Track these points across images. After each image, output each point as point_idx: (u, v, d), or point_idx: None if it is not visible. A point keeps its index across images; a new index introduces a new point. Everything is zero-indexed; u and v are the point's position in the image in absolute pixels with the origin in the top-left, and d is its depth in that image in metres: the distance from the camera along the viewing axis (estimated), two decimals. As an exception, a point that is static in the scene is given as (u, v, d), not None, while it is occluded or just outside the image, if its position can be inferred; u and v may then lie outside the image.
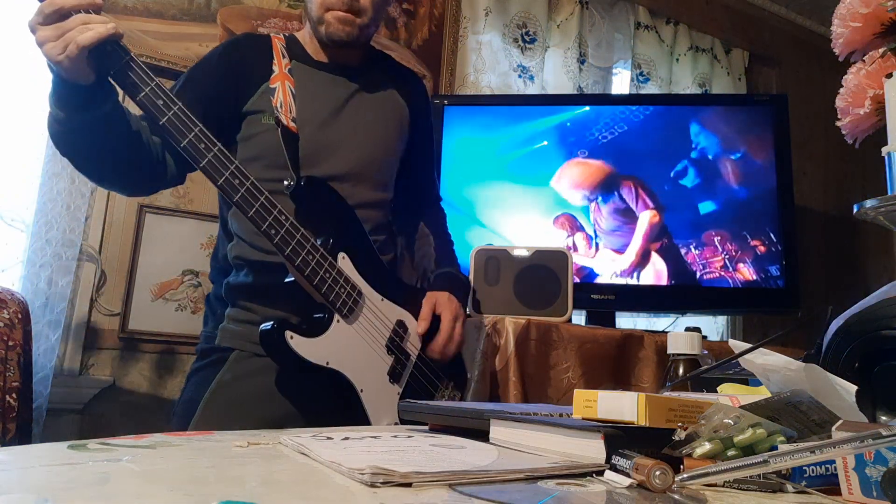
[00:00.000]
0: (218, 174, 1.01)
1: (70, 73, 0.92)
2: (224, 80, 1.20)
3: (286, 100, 1.18)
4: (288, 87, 1.20)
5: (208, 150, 1.00)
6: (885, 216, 0.60)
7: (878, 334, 0.52)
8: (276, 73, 1.21)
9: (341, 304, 1.11)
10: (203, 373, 1.17)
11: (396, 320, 1.21)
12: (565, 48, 2.55)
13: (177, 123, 0.98)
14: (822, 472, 0.44)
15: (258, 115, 1.19)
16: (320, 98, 1.24)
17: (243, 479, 0.42)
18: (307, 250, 1.07)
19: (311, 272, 1.07)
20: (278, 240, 1.04)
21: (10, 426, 1.31)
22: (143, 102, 0.97)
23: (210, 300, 1.27)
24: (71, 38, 0.89)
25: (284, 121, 1.17)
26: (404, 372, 1.20)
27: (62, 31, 0.90)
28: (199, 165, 1.00)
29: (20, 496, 0.35)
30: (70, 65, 0.91)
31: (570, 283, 1.65)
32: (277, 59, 1.22)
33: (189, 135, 0.99)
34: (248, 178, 1.03)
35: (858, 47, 0.71)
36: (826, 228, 3.11)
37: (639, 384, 1.63)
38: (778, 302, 2.05)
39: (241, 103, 1.19)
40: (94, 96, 0.98)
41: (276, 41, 1.26)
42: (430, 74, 2.31)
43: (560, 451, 0.50)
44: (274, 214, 1.04)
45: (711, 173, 2.10)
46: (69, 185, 1.71)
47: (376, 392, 1.15)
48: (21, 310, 1.39)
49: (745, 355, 0.58)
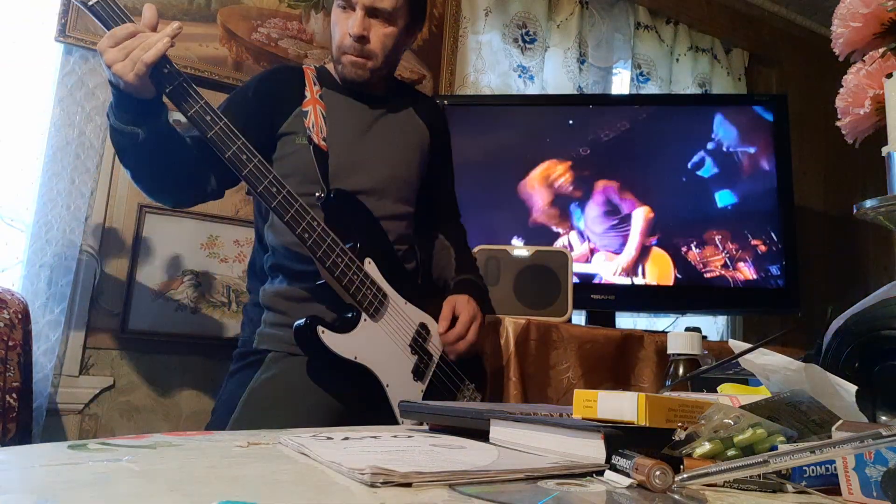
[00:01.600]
0: (258, 182, 1.12)
1: (136, 89, 1.05)
2: (262, 105, 1.31)
3: (318, 121, 1.30)
4: (319, 110, 1.32)
5: (249, 160, 1.12)
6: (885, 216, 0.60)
7: (878, 334, 0.52)
8: (308, 99, 1.32)
9: (368, 304, 1.22)
10: (241, 374, 1.27)
11: (419, 322, 1.30)
12: (565, 48, 2.55)
13: (222, 137, 1.10)
14: (822, 472, 0.44)
15: (292, 136, 1.30)
16: (349, 121, 1.36)
17: (243, 479, 0.42)
18: (337, 253, 1.18)
19: (340, 273, 1.18)
20: (311, 242, 1.15)
21: (10, 426, 1.31)
22: (194, 117, 1.09)
23: (247, 308, 1.38)
24: (136, 56, 1.02)
25: (316, 140, 1.28)
26: (427, 371, 1.29)
27: (127, 50, 1.02)
28: (242, 174, 1.12)
29: (20, 496, 0.35)
30: (137, 82, 1.03)
31: (570, 283, 1.65)
32: (309, 86, 1.34)
33: (233, 146, 1.11)
34: (285, 186, 1.14)
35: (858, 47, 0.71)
36: (826, 228, 3.11)
37: (639, 384, 1.63)
38: (778, 302, 2.05)
39: (277, 126, 1.31)
40: (153, 111, 1.10)
41: (308, 71, 1.38)
42: (430, 74, 2.31)
43: (560, 451, 0.50)
44: (307, 220, 1.15)
45: (711, 174, 2.10)
46: (69, 185, 1.71)
47: (401, 388, 1.24)
48: (21, 310, 1.39)
49: (745, 355, 0.58)
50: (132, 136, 1.09)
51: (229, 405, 1.21)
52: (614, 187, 2.08)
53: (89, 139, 1.75)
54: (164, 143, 1.14)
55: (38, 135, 1.73)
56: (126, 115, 1.08)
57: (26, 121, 1.73)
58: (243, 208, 1.92)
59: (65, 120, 1.72)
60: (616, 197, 2.08)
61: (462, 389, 1.34)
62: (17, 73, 1.74)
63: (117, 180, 1.80)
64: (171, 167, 1.18)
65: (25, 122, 1.73)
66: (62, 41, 1.72)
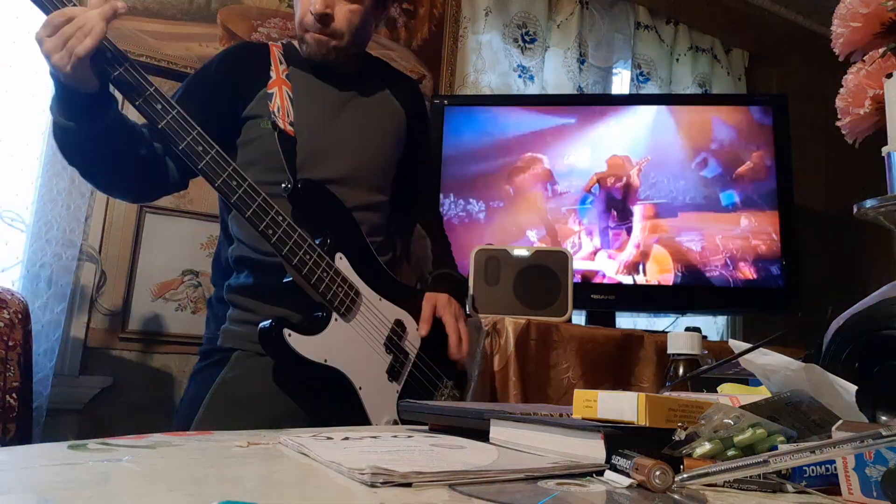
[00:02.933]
0: (216, 176, 1.03)
1: (77, 81, 0.96)
2: (222, 86, 1.22)
3: (283, 104, 1.21)
4: (286, 91, 1.22)
5: (206, 152, 1.02)
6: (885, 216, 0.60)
7: (878, 334, 0.52)
8: (273, 79, 1.23)
9: (339, 303, 1.13)
10: (205, 372, 1.19)
11: (395, 320, 1.22)
12: (565, 48, 2.55)
13: (175, 127, 1.01)
14: (822, 472, 0.44)
15: (256, 120, 1.21)
16: (317, 103, 1.26)
17: (243, 479, 0.42)
18: (304, 250, 1.09)
19: (308, 271, 1.09)
20: (275, 239, 1.06)
21: (10, 426, 1.31)
22: (142, 107, 0.99)
23: (212, 303, 1.29)
24: (72, 45, 0.92)
25: (282, 125, 1.19)
26: (403, 370, 1.21)
27: (65, 38, 0.92)
28: (198, 167, 1.02)
29: (20, 496, 0.35)
30: (78, 73, 0.94)
31: (570, 283, 1.65)
32: (275, 65, 1.24)
33: (187, 137, 1.01)
34: (246, 179, 1.05)
35: (858, 47, 0.71)
36: (826, 228, 3.11)
37: (639, 384, 1.63)
38: (778, 302, 2.05)
39: (240, 109, 1.21)
40: (97, 104, 1.00)
41: (274, 48, 1.28)
42: (430, 74, 2.31)
43: (560, 451, 0.50)
44: (271, 215, 1.06)
45: (711, 174, 2.10)
46: (69, 185, 1.71)
47: (375, 390, 1.16)
48: (21, 310, 1.39)
49: (745, 355, 0.58)
50: (75, 133, 1.01)
51: (193, 405, 1.14)
52: (615, 187, 2.08)
53: (89, 139, 1.75)
54: (114, 136, 1.05)
55: (38, 135, 1.73)
56: (68, 109, 1.00)
57: (26, 121, 1.73)
58: (243, 208, 1.92)
59: (65, 120, 1.72)
60: (617, 196, 2.08)
61: (440, 388, 1.28)
62: (17, 73, 1.74)
63: (117, 180, 1.80)
64: (123, 161, 1.09)
65: (25, 122, 1.73)
66: (62, 41, 1.72)
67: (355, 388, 1.13)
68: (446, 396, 1.29)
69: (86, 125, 1.01)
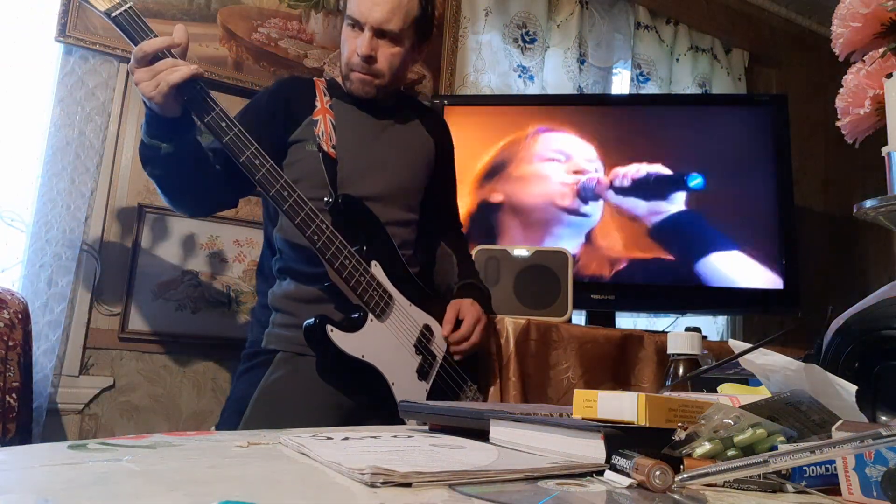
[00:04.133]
0: (270, 186, 1.16)
1: (161, 107, 1.10)
2: (275, 114, 1.36)
3: (327, 129, 1.35)
4: (329, 119, 1.37)
5: (262, 165, 1.16)
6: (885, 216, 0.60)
7: (878, 334, 0.52)
8: (318, 108, 1.38)
9: (374, 305, 1.25)
10: (251, 374, 1.30)
11: (423, 324, 1.33)
12: (565, 48, 2.55)
13: (237, 142, 1.15)
14: (822, 472, 0.44)
15: (303, 144, 1.35)
16: (357, 130, 1.41)
17: (243, 479, 0.42)
18: (345, 255, 1.22)
19: (348, 275, 1.22)
20: (320, 245, 1.19)
21: (10, 426, 1.31)
22: (210, 124, 1.13)
23: (255, 311, 1.42)
24: (162, 77, 1.07)
25: (325, 147, 1.33)
26: (431, 371, 1.32)
27: (155, 72, 1.08)
28: (256, 178, 1.16)
29: (20, 496, 0.35)
30: (162, 100, 1.08)
31: (570, 283, 1.65)
32: (320, 96, 1.39)
33: (247, 151, 1.15)
34: (296, 191, 1.18)
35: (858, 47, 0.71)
36: (826, 228, 3.11)
37: (639, 384, 1.63)
38: (778, 302, 2.05)
39: (288, 134, 1.35)
40: (179, 128, 1.15)
41: (319, 83, 1.43)
42: (430, 74, 2.31)
43: (560, 451, 0.50)
44: (317, 223, 1.19)
45: (711, 174, 2.10)
46: (69, 185, 1.71)
47: (406, 386, 1.27)
48: (21, 310, 1.39)
49: (745, 355, 0.58)
50: (155, 150, 1.15)
51: (240, 405, 1.25)
52: (615, 186, 2.08)
53: (89, 139, 1.75)
54: (186, 157, 1.19)
55: (38, 135, 1.73)
56: (152, 130, 1.14)
57: (26, 121, 1.73)
58: (243, 208, 1.92)
59: (65, 120, 1.72)
60: (617, 195, 2.08)
61: (465, 390, 1.37)
62: (17, 73, 1.74)
63: (117, 180, 1.80)
64: (193, 179, 1.23)
65: (25, 122, 1.73)
66: (62, 41, 1.72)
67: (388, 383, 1.24)
68: (470, 398, 1.38)
69: (168, 143, 1.15)
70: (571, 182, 2.08)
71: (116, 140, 1.80)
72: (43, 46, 1.75)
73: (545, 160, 2.10)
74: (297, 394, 1.24)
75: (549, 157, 2.10)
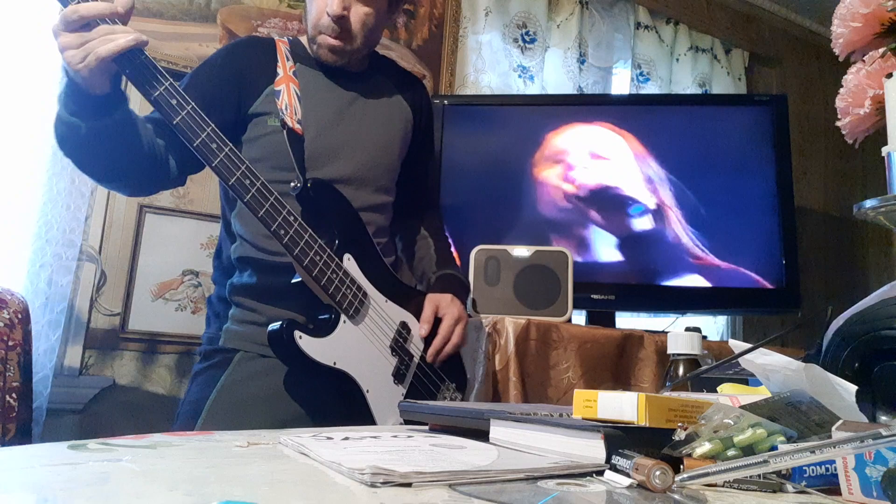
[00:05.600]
0: (230, 174, 1.02)
1: (86, 81, 0.93)
2: (228, 82, 1.20)
3: (291, 102, 1.20)
4: (293, 89, 1.21)
5: (220, 149, 1.01)
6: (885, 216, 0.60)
7: (878, 334, 0.52)
8: (280, 76, 1.22)
9: (347, 305, 1.13)
10: (207, 374, 1.18)
11: (400, 322, 1.22)
12: (565, 48, 2.55)
13: (190, 123, 0.99)
14: (822, 472, 0.44)
15: (264, 117, 1.20)
16: (325, 101, 1.26)
17: (243, 479, 0.42)
18: (315, 251, 1.08)
19: (318, 272, 1.08)
20: (287, 240, 1.05)
21: (10, 426, 1.31)
22: (158, 101, 0.97)
23: (212, 301, 1.27)
24: (91, 48, 0.90)
25: (290, 123, 1.18)
26: (408, 373, 1.21)
27: (84, 40, 0.90)
28: (212, 164, 1.01)
29: (20, 496, 0.35)
30: (88, 74, 0.92)
31: (570, 283, 1.65)
32: (282, 61, 1.23)
33: (202, 134, 1.00)
34: (259, 178, 1.04)
35: (858, 47, 0.71)
36: (826, 228, 3.11)
37: (639, 384, 1.63)
38: (778, 302, 2.05)
39: (246, 105, 1.20)
40: (105, 104, 0.98)
41: (281, 44, 1.26)
42: (430, 74, 2.31)
43: (560, 451, 0.50)
44: (283, 215, 1.05)
45: (711, 174, 2.10)
46: (69, 185, 1.71)
47: (382, 393, 1.16)
48: (21, 310, 1.39)
49: (745, 355, 0.58)
50: (74, 128, 0.98)
51: (196, 407, 1.13)
52: (615, 186, 2.08)
53: (89, 139, 1.75)
54: (117, 133, 1.02)
55: (38, 134, 1.72)
56: (71, 105, 0.97)
57: (27, 120, 1.73)
58: (243, 208, 1.93)
59: (65, 120, 1.72)
60: (618, 195, 2.08)
61: (442, 389, 1.27)
62: (18, 71, 1.74)
63: (117, 180, 1.80)
64: (124, 157, 1.06)
65: (26, 122, 1.73)
66: (62, 41, 1.72)
67: (363, 391, 1.13)
68: (448, 398, 1.28)
69: (89, 124, 0.98)
70: (571, 182, 2.08)
71: (116, 140, 1.80)
72: (44, 44, 1.74)
73: (545, 159, 2.10)
74: (258, 400, 1.12)
75: (549, 156, 2.10)
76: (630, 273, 2.03)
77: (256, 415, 1.09)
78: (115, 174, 1.11)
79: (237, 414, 1.10)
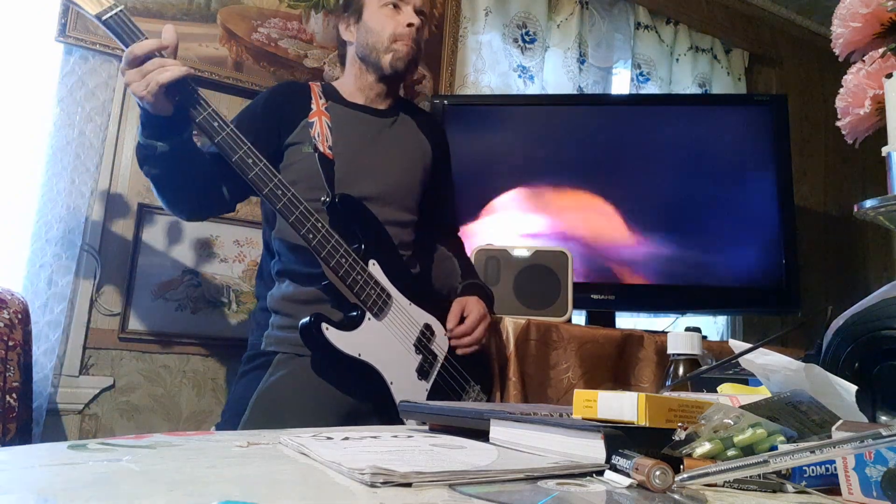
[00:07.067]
0: (264, 184, 1.17)
1: (154, 107, 1.12)
2: (270, 118, 1.38)
3: (323, 131, 1.37)
4: (325, 121, 1.39)
5: (255, 164, 1.17)
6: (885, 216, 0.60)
7: (878, 334, 0.52)
8: (313, 111, 1.39)
9: (372, 304, 1.25)
10: (251, 375, 1.31)
11: (424, 323, 1.33)
12: (565, 48, 2.55)
13: (229, 141, 1.16)
14: (822, 472, 0.44)
15: (299, 146, 1.36)
16: (354, 131, 1.42)
17: (243, 479, 0.42)
18: (341, 254, 1.22)
19: (344, 273, 1.22)
20: (315, 243, 1.19)
21: (10, 426, 1.31)
22: (202, 124, 1.14)
23: (255, 313, 1.43)
24: (151, 77, 1.09)
25: (321, 148, 1.34)
26: (432, 370, 1.32)
27: (144, 72, 1.09)
28: (248, 177, 1.16)
29: (20, 496, 0.35)
30: (153, 100, 1.10)
31: (570, 283, 1.65)
32: (315, 100, 1.42)
33: (239, 151, 1.16)
34: (290, 189, 1.19)
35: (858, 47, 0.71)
36: (826, 228, 3.11)
37: (639, 384, 1.63)
38: (778, 302, 2.05)
39: (284, 137, 1.37)
40: (173, 127, 1.16)
41: (314, 87, 1.46)
42: (430, 74, 2.31)
43: (560, 451, 0.50)
44: (312, 221, 1.20)
45: (711, 174, 2.10)
46: (69, 185, 1.70)
47: (406, 386, 1.26)
48: (21, 310, 1.39)
49: (745, 355, 0.58)
50: (151, 149, 1.17)
51: (239, 407, 1.25)
52: (615, 186, 2.08)
53: (89, 139, 1.75)
54: (181, 157, 1.20)
55: (38, 135, 1.72)
56: (147, 130, 1.16)
57: (26, 121, 1.73)
58: (243, 208, 1.92)
59: (65, 120, 1.72)
60: (618, 195, 2.08)
61: (468, 390, 1.37)
62: (17, 73, 1.74)
63: (117, 180, 1.80)
64: (187, 180, 1.24)
65: (26, 122, 1.73)
66: (62, 41, 1.72)
67: (387, 382, 1.23)
68: (473, 398, 1.37)
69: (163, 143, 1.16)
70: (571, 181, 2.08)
71: (116, 140, 1.80)
72: (43, 46, 1.75)
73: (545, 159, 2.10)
74: (295, 394, 1.24)
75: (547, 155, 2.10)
76: (630, 273, 2.03)
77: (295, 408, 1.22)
78: (182, 193, 1.28)
79: (277, 410, 1.22)
